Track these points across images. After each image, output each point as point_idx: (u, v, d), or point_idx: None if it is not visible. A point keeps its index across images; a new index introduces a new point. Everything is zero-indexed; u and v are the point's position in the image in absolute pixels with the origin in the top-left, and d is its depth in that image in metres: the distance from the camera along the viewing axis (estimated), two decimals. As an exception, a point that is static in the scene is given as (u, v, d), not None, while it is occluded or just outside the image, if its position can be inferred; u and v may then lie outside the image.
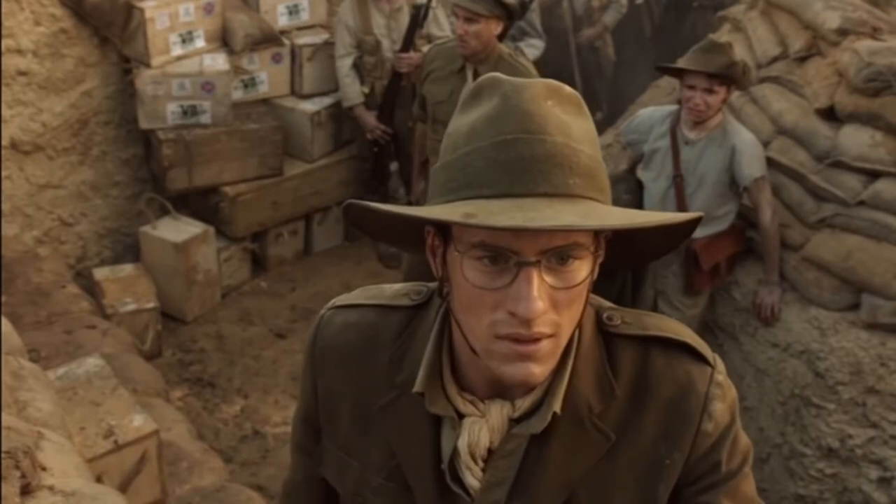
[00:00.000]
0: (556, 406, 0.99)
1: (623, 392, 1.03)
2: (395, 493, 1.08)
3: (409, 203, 4.37)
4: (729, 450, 1.07)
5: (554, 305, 0.92)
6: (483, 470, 1.02)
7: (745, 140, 3.25)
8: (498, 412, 1.01)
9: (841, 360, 3.17)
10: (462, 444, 1.01)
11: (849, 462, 3.19)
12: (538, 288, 0.90)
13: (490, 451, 1.02)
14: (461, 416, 1.02)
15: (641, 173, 3.51)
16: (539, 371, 0.94)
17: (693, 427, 1.03)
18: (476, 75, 3.47)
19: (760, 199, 3.27)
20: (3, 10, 3.84)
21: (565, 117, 0.95)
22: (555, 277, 0.92)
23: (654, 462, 1.03)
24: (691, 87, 3.19)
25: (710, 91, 3.16)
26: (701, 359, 1.06)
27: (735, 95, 3.57)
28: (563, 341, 0.96)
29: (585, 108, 0.99)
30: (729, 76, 3.14)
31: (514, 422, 1.01)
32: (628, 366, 1.04)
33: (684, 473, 1.05)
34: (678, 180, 3.34)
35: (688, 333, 1.09)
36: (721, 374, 1.07)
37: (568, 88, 0.98)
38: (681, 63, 3.24)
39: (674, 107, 3.47)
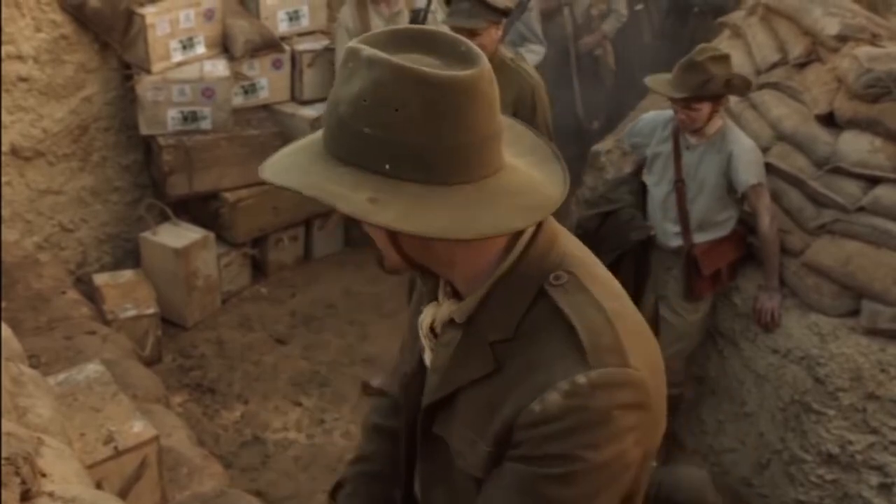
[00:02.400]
0: (458, 317, 1.18)
1: (519, 341, 1.13)
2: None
3: None
4: (539, 441, 1.09)
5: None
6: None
7: (743, 146, 3.26)
8: (447, 307, 1.22)
9: (841, 366, 3.17)
10: (420, 319, 1.27)
11: (849, 468, 3.18)
12: None
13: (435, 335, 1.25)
14: None
15: (645, 177, 3.52)
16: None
17: (528, 400, 1.09)
18: None
19: (759, 205, 3.27)
20: (4, 17, 3.85)
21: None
22: None
23: (499, 407, 1.13)
24: (675, 101, 3.22)
25: (690, 108, 3.18)
26: (582, 361, 1.08)
27: (735, 101, 3.58)
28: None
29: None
30: (702, 95, 3.14)
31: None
32: (533, 322, 1.13)
33: (508, 435, 1.13)
34: (679, 185, 3.35)
35: (595, 338, 1.09)
36: (585, 381, 1.07)
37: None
38: (659, 82, 3.26)
39: (676, 112, 3.48)
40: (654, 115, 3.57)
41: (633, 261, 3.47)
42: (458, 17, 3.36)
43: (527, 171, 1.15)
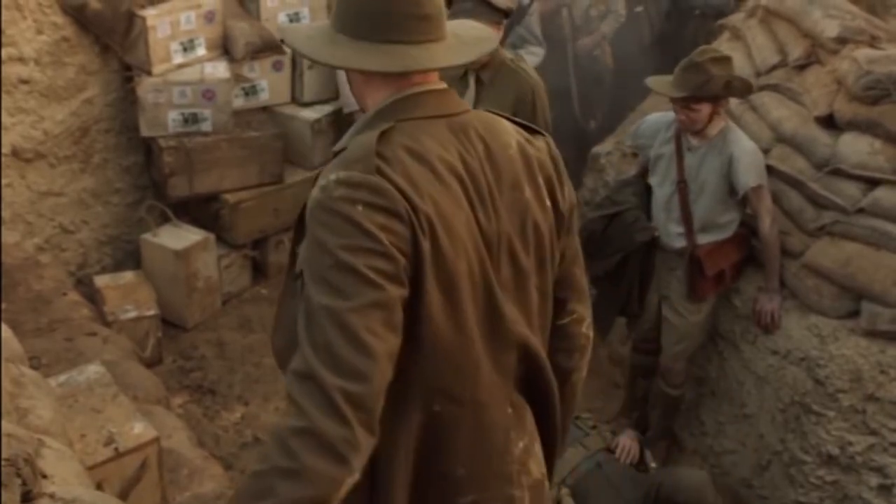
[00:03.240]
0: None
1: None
2: None
3: None
4: (308, 228, 1.42)
5: None
6: None
7: (744, 148, 3.26)
8: None
9: (841, 368, 3.17)
10: None
11: (849, 469, 3.19)
12: None
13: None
14: None
15: (650, 178, 3.53)
16: None
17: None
18: (478, 81, 3.48)
19: (759, 207, 3.28)
20: (5, 19, 3.86)
21: None
22: None
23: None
24: (675, 101, 3.23)
25: (690, 108, 3.19)
26: (339, 167, 1.37)
27: (735, 103, 3.59)
28: None
29: None
30: (702, 95, 3.14)
31: None
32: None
33: None
34: (681, 186, 3.36)
35: (353, 153, 1.39)
36: (332, 178, 1.36)
37: None
38: (659, 82, 3.28)
39: (679, 113, 3.49)
40: (657, 117, 3.58)
41: (637, 262, 3.48)
42: (460, 17, 3.37)
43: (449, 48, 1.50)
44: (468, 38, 1.55)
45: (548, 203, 1.51)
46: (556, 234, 1.53)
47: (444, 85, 1.50)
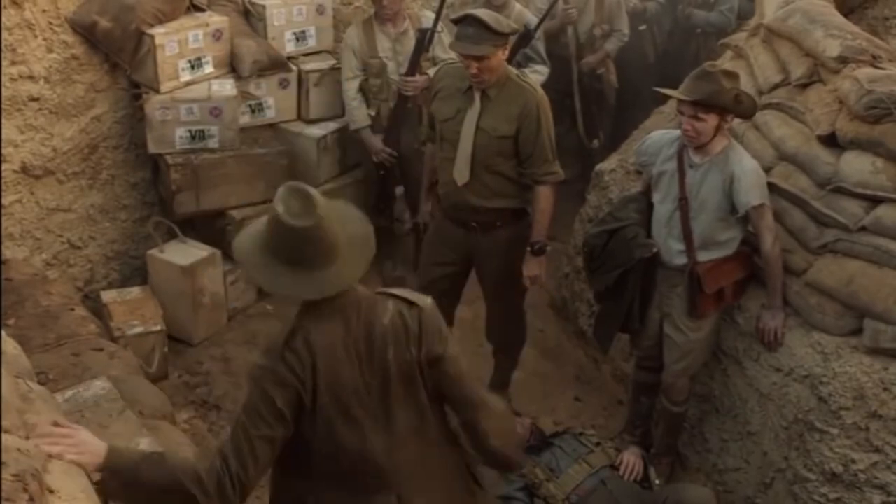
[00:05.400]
0: None
1: None
2: None
3: (416, 225, 4.44)
4: None
5: None
6: None
7: (745, 168, 3.27)
8: None
9: (844, 385, 3.17)
10: None
11: (852, 487, 3.18)
12: None
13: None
14: None
15: (653, 195, 3.55)
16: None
17: None
18: (483, 95, 3.52)
19: (761, 225, 3.29)
20: (16, 38, 3.91)
21: None
22: None
23: None
24: (682, 113, 3.25)
25: (697, 118, 3.20)
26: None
27: (737, 121, 3.61)
28: None
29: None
30: (711, 103, 3.17)
31: None
32: None
33: None
34: (683, 203, 3.37)
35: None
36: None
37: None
38: (668, 89, 3.31)
39: (682, 131, 3.51)
40: (661, 134, 3.61)
41: (637, 278, 3.50)
42: (464, 42, 3.40)
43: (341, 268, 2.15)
44: (355, 240, 2.19)
45: (408, 356, 2.23)
46: (421, 370, 2.25)
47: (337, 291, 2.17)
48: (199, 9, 4.54)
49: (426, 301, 2.29)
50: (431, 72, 4.43)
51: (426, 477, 2.33)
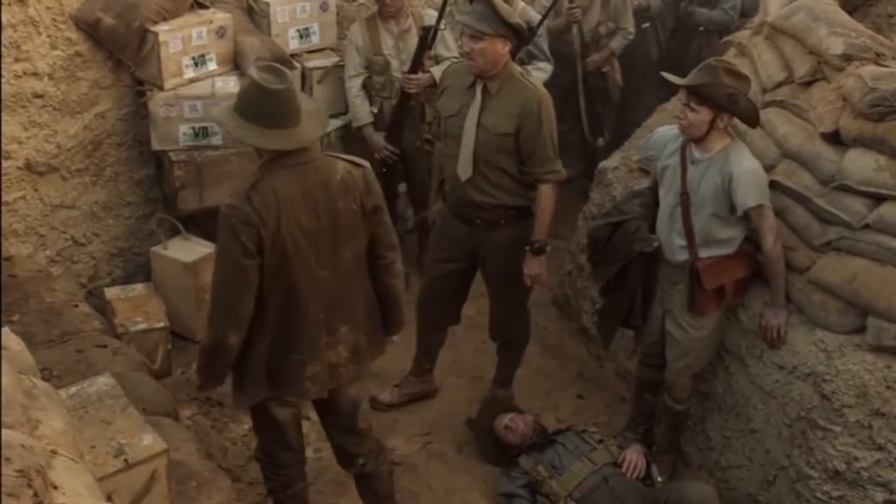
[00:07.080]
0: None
1: None
2: None
3: (420, 222, 4.41)
4: None
5: None
6: None
7: (744, 168, 3.26)
8: None
9: (847, 383, 3.18)
10: None
11: (855, 485, 3.19)
12: None
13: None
14: None
15: (659, 190, 3.56)
16: None
17: None
18: (485, 92, 3.52)
19: (762, 225, 3.29)
20: (21, 35, 3.91)
21: None
22: None
23: None
24: (681, 100, 3.29)
25: (690, 107, 3.21)
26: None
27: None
28: None
29: None
30: (702, 94, 3.17)
31: None
32: None
33: None
34: (684, 197, 3.38)
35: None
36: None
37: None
38: (671, 77, 3.34)
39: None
40: (666, 129, 3.62)
41: (638, 272, 3.50)
42: (470, 17, 3.45)
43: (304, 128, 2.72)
44: (312, 112, 2.79)
45: (354, 206, 2.79)
46: (363, 220, 2.83)
47: (304, 145, 2.72)
48: (202, 6, 4.54)
49: (366, 163, 2.87)
50: (434, 69, 4.43)
51: (352, 309, 2.90)
